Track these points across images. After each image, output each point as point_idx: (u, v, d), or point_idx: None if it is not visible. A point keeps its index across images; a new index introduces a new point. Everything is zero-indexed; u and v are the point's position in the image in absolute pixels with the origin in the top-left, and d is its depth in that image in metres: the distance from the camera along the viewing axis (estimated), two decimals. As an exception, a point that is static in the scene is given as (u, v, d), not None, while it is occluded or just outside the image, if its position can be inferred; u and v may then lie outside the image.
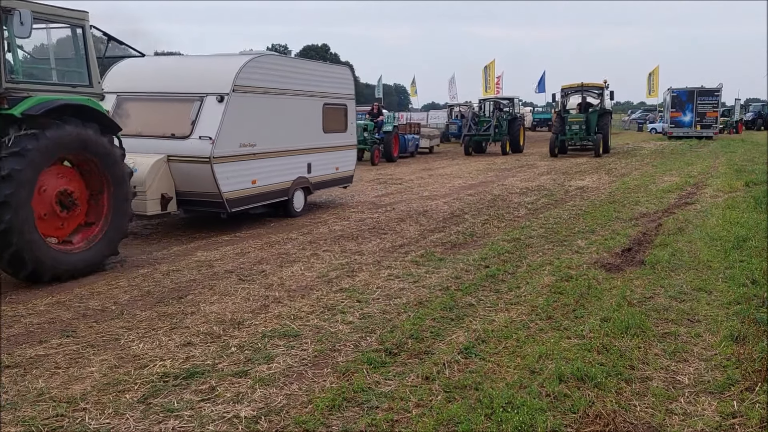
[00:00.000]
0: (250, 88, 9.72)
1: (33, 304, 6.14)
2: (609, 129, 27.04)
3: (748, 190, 13.14)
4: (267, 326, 5.43)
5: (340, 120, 12.46)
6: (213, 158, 8.94)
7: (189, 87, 9.60)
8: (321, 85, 11.70)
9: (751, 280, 6.41)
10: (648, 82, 48.77)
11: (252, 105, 9.78)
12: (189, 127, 9.20)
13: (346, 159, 12.79)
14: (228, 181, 9.25)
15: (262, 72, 10.01)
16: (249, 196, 9.81)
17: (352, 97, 13.01)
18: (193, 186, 9.21)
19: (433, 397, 4.05)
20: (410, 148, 25.56)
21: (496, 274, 7.00)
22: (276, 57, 10.71)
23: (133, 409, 3.95)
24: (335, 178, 12.46)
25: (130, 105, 9.90)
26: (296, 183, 11.02)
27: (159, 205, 8.99)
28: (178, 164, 9.11)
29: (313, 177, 11.53)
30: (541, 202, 12.58)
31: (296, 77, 10.91)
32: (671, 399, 4.04)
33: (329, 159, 12.05)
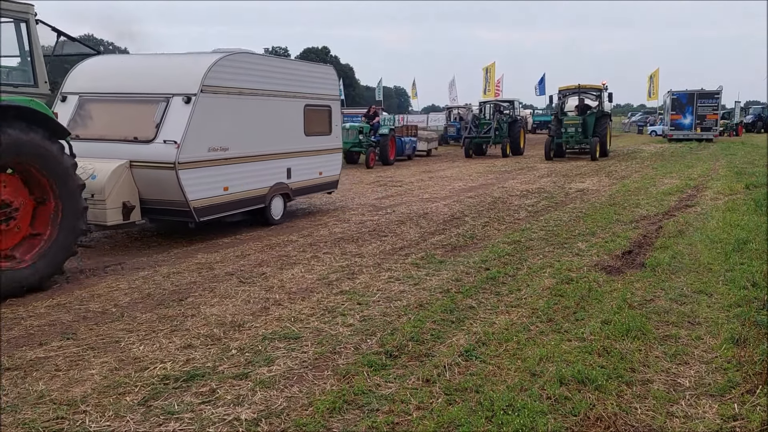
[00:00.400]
0: (222, 88, 9.14)
1: (33, 306, 6.14)
2: (607, 132, 26.31)
3: (749, 192, 13.15)
4: (267, 328, 5.42)
5: (323, 122, 11.92)
6: (178, 164, 8.32)
7: (154, 87, 8.99)
8: (302, 86, 11.15)
9: (752, 282, 6.41)
10: (648, 85, 48.80)
11: (223, 106, 9.21)
12: (153, 131, 8.59)
13: (330, 163, 12.21)
14: (195, 189, 8.65)
15: (235, 71, 9.44)
16: (220, 204, 9.24)
17: (337, 98, 12.51)
18: (157, 193, 8.60)
19: (434, 400, 4.05)
20: (407, 150, 25.26)
21: (496, 276, 7.00)
22: (251, 55, 10.06)
23: (134, 412, 3.95)
24: (319, 183, 11.91)
25: (93, 106, 9.32)
26: (274, 189, 10.44)
27: (120, 215, 8.37)
28: (142, 170, 8.50)
29: (294, 183, 10.97)
30: (541, 204, 12.58)
31: (274, 77, 10.35)
32: (672, 401, 4.04)
33: (312, 163, 11.51)
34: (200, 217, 8.81)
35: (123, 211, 8.40)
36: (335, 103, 12.33)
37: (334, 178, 12.43)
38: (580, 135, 24.72)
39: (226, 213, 9.44)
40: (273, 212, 10.50)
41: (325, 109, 11.95)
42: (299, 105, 11.06)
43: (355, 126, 22.47)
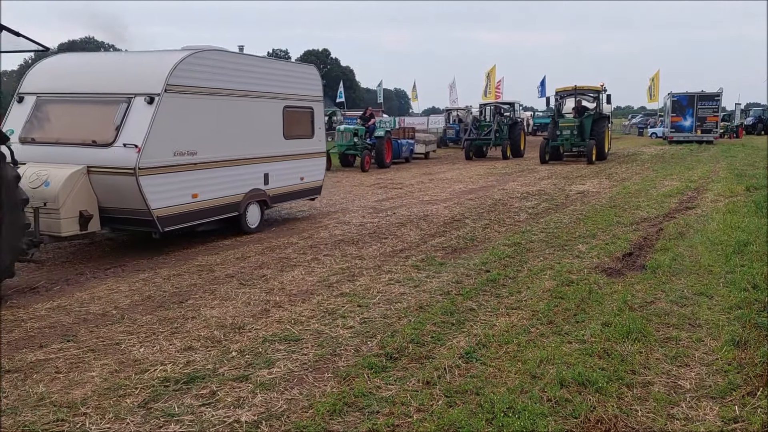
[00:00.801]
0: (190, 88, 8.53)
1: (33, 308, 6.14)
2: (605, 134, 25.44)
3: (749, 194, 13.15)
4: (268, 331, 5.42)
5: (305, 125, 11.36)
6: (139, 169, 7.70)
7: (116, 87, 8.34)
8: (281, 86, 10.56)
9: (752, 284, 6.41)
10: (649, 87, 48.83)
11: (191, 107, 8.58)
12: (113, 133, 7.95)
13: (312, 168, 11.65)
14: (159, 196, 8.05)
15: (205, 69, 8.82)
16: (188, 213, 8.63)
17: (320, 99, 11.90)
18: (118, 202, 7.99)
19: (434, 402, 4.05)
20: (404, 153, 24.76)
21: (496, 278, 7.00)
22: (222, 53, 9.37)
23: (134, 414, 3.95)
24: (300, 189, 11.34)
25: (51, 108, 8.68)
26: (250, 196, 9.86)
27: (77, 225, 7.75)
28: (100, 176, 7.86)
29: (272, 189, 10.38)
30: (541, 206, 12.58)
31: (249, 76, 9.75)
32: (673, 404, 4.03)
33: (292, 168, 10.95)
34: (165, 227, 8.21)
35: (80, 221, 7.79)
36: (318, 104, 11.79)
37: (317, 183, 11.90)
38: (576, 138, 24.06)
39: (195, 222, 8.88)
40: (249, 220, 9.96)
41: (306, 110, 11.43)
42: (277, 106, 10.50)
43: (350, 128, 22.18)
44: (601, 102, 25.77)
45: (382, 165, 22.10)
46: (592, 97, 26.29)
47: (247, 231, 9.92)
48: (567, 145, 24.21)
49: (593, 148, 23.50)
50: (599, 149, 24.35)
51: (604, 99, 25.84)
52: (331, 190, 15.65)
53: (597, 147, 23.99)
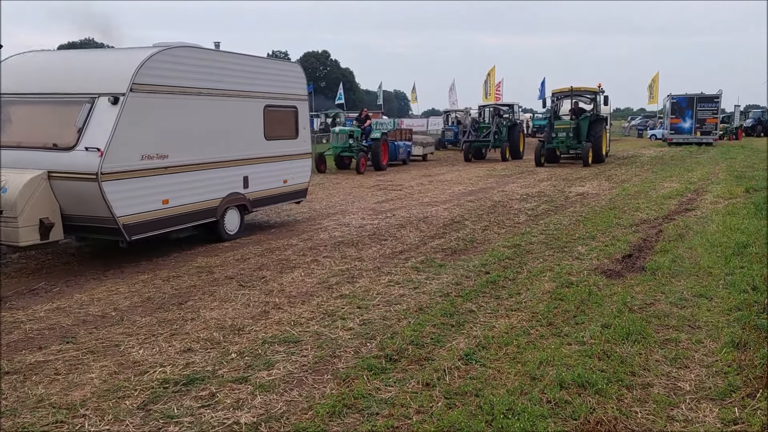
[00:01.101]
0: (159, 87, 8.03)
1: (33, 310, 6.14)
2: (603, 136, 24.57)
3: (748, 196, 13.15)
4: (267, 332, 5.42)
5: (288, 125, 10.88)
6: (101, 174, 7.21)
7: (79, 86, 7.86)
8: (261, 84, 10.07)
9: (752, 286, 6.41)
10: (648, 89, 48.88)
11: (162, 108, 8.09)
12: (75, 136, 7.46)
13: (297, 170, 11.14)
14: (125, 203, 7.57)
15: (176, 67, 8.31)
16: (158, 220, 8.14)
17: (305, 98, 11.39)
18: (81, 209, 7.52)
19: (434, 404, 4.04)
20: (401, 155, 24.37)
21: (496, 280, 7.00)
22: (197, 50, 8.84)
23: (133, 416, 3.94)
24: (283, 192, 10.85)
25: (12, 109, 8.21)
26: (228, 200, 9.39)
27: (37, 233, 7.29)
28: (62, 182, 7.39)
29: (252, 192, 9.91)
30: (541, 208, 12.58)
31: (226, 74, 9.25)
32: (672, 405, 4.03)
33: (274, 170, 10.47)
34: (132, 235, 7.73)
35: (40, 230, 7.32)
36: (302, 104, 11.30)
37: (302, 186, 11.42)
38: (571, 140, 23.47)
39: (166, 229, 8.40)
40: (227, 226, 9.50)
41: (290, 110, 10.93)
42: (258, 106, 10.00)
43: (345, 130, 21.88)
44: (598, 103, 25.15)
45: (379, 167, 21.82)
46: (589, 98, 25.64)
47: (226, 237, 9.46)
48: (563, 148, 23.76)
49: (589, 151, 23.10)
50: (596, 152, 23.76)
51: (602, 100, 25.07)
52: (330, 192, 15.66)
53: (594, 149, 23.50)
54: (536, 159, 23.30)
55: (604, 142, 25.04)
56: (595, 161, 23.61)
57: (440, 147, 34.81)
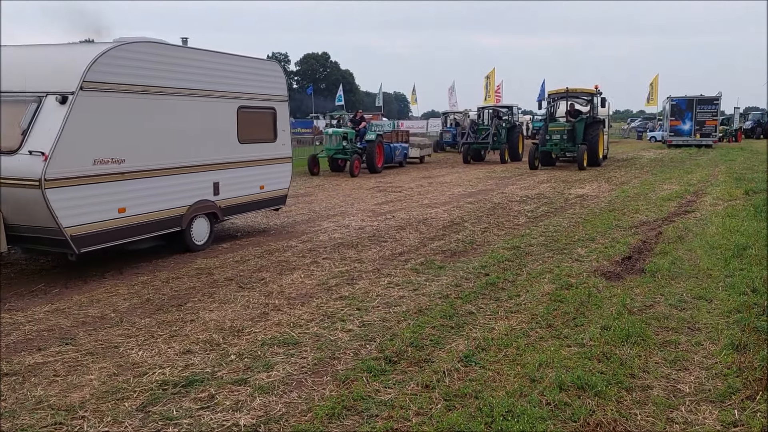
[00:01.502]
0: (115, 85, 7.37)
1: (32, 311, 6.13)
2: (600, 139, 23.79)
3: (748, 198, 13.16)
4: (266, 334, 5.42)
5: (265, 127, 10.26)
6: (45, 180, 6.60)
7: (27, 84, 7.25)
8: (235, 84, 9.42)
9: (752, 288, 6.41)
10: (648, 90, 48.94)
11: (119, 108, 7.45)
12: (18, 139, 6.86)
13: (275, 175, 10.51)
14: (74, 212, 6.94)
15: (135, 64, 7.66)
16: (113, 230, 7.46)
17: (284, 98, 10.70)
18: (25, 218, 6.91)
19: (433, 406, 4.04)
20: (397, 157, 23.87)
21: (495, 282, 6.99)
22: (159, 46, 8.14)
23: (132, 417, 3.94)
24: (260, 199, 10.20)
25: None
26: (196, 209, 8.71)
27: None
28: (4, 189, 6.84)
29: (224, 199, 9.25)
30: (540, 210, 12.58)
31: (195, 72, 8.61)
32: (672, 408, 4.03)
33: (249, 176, 9.82)
34: (82, 248, 7.09)
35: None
36: (282, 105, 10.62)
37: (281, 192, 10.78)
38: (566, 142, 22.77)
39: (123, 240, 7.71)
40: (194, 236, 8.84)
41: (267, 111, 10.29)
42: (230, 107, 9.36)
43: (338, 132, 21.43)
44: (595, 105, 24.36)
45: (373, 170, 21.37)
46: (585, 100, 24.80)
47: (193, 248, 8.83)
48: (557, 151, 23.22)
49: (584, 154, 22.41)
50: (591, 155, 23.08)
51: (599, 102, 24.29)
52: (329, 194, 15.66)
53: (589, 152, 22.88)
54: (530, 162, 22.79)
55: (601, 145, 24.37)
56: (591, 164, 23.03)
57: (438, 149, 34.67)
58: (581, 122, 23.48)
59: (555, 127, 23.10)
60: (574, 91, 24.30)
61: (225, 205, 9.34)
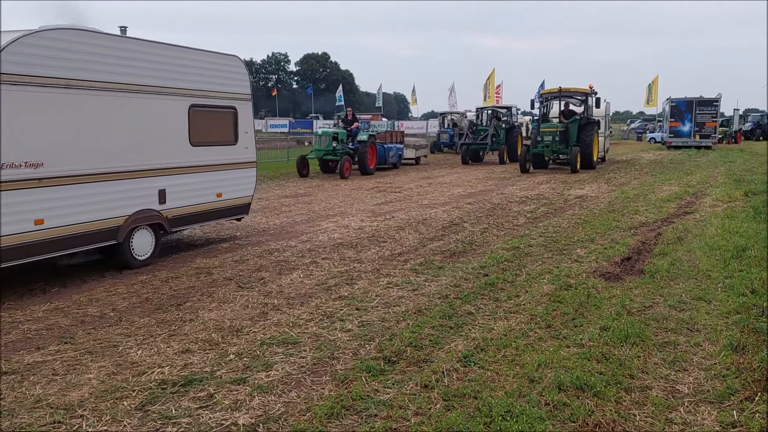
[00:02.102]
0: (30, 78, 6.44)
1: (31, 310, 6.13)
2: (594, 141, 22.88)
3: (747, 199, 13.17)
4: (266, 333, 5.42)
5: (224, 129, 9.30)
6: None
7: None
8: (186, 80, 8.44)
9: (751, 289, 6.41)
10: (647, 92, 48.99)
11: (34, 104, 6.52)
12: None
13: (236, 182, 9.53)
14: None
15: (56, 54, 6.72)
16: (28, 245, 6.52)
17: (247, 97, 9.77)
18: None
19: (432, 406, 4.04)
20: (392, 159, 23.22)
21: (495, 282, 7.00)
22: (88, 34, 7.12)
23: (131, 416, 3.94)
24: (217, 208, 9.20)
25: None
26: (136, 219, 7.74)
27: None
28: None
29: (171, 209, 8.27)
30: (540, 210, 12.59)
31: (134, 65, 7.62)
32: (671, 408, 4.03)
33: (203, 182, 8.84)
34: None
35: None
36: (244, 104, 9.65)
37: (242, 200, 9.77)
38: (558, 144, 21.85)
39: (43, 256, 6.78)
40: (135, 250, 7.83)
41: (227, 111, 9.31)
42: (180, 105, 8.37)
43: (328, 132, 20.79)
44: (589, 105, 23.23)
45: (365, 171, 20.76)
46: (579, 100, 23.70)
47: (133, 264, 7.79)
48: (549, 153, 22.34)
49: (578, 156, 21.50)
50: (585, 157, 22.12)
51: (593, 102, 23.19)
52: (329, 194, 15.66)
53: (583, 155, 21.92)
54: (521, 165, 21.92)
55: (596, 147, 23.50)
56: (585, 167, 22.10)
57: (435, 150, 34.40)
58: (575, 123, 22.54)
59: (547, 128, 22.26)
60: (567, 90, 23.30)
61: (174, 215, 8.36)
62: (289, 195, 15.51)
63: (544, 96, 23.99)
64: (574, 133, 22.25)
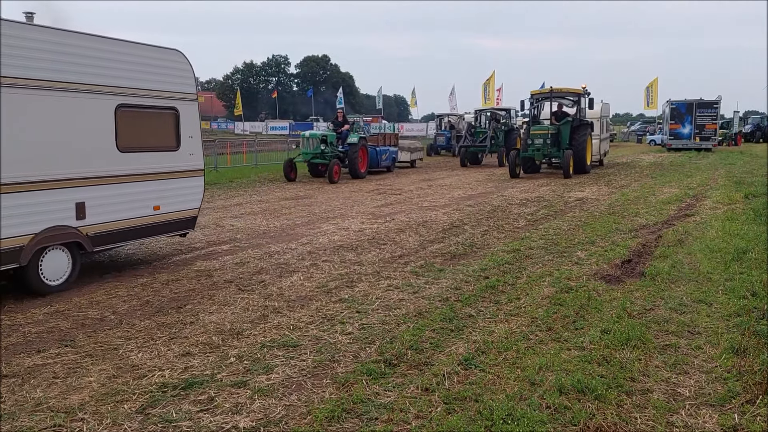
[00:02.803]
0: None
1: (32, 313, 6.13)
2: (587, 144, 21.81)
3: (748, 202, 13.17)
4: (266, 336, 5.41)
5: (162, 132, 8.22)
6: None
7: None
8: (112, 76, 7.38)
9: (752, 292, 6.41)
10: (646, 94, 49.03)
11: None
12: None
13: (178, 192, 8.41)
14: None
15: None
16: None
17: (192, 97, 8.61)
18: None
19: (433, 409, 4.03)
20: (384, 162, 22.58)
21: (495, 285, 6.99)
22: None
23: (132, 420, 3.93)
24: (154, 223, 8.07)
25: None
26: (44, 238, 6.65)
27: None
28: None
29: (93, 225, 7.20)
30: (540, 213, 12.58)
31: (41, 59, 6.54)
32: (672, 411, 4.02)
33: (136, 193, 7.74)
34: None
35: None
36: (188, 105, 8.52)
37: (186, 213, 8.61)
38: (550, 147, 20.81)
39: None
40: (45, 274, 6.75)
41: (165, 113, 8.23)
42: (104, 105, 7.30)
43: (316, 134, 20.10)
44: (582, 107, 22.21)
45: (356, 175, 20.15)
46: (572, 100, 22.72)
47: (43, 290, 6.72)
48: (539, 156, 21.22)
49: (570, 160, 20.25)
50: (578, 161, 21.00)
51: (587, 103, 22.10)
52: (329, 196, 15.66)
53: (575, 158, 20.78)
54: (510, 170, 21.00)
55: (589, 150, 22.36)
56: (578, 171, 21.02)
57: (432, 152, 34.00)
58: (567, 125, 21.46)
59: (537, 131, 21.13)
60: (559, 91, 22.15)
61: (96, 232, 7.25)
62: (289, 197, 15.50)
63: (535, 96, 22.87)
64: (566, 136, 21.30)
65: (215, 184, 18.06)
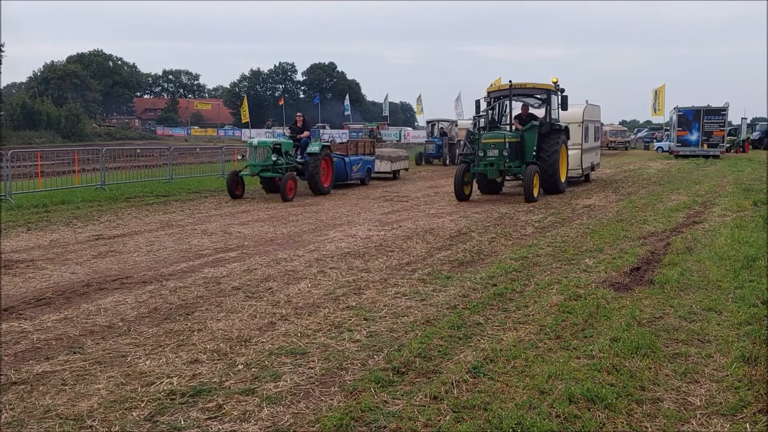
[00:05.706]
0: None
1: (40, 320, 6.14)
2: (561, 155, 17.03)
3: (756, 209, 13.10)
4: (274, 344, 5.41)
5: None
6: None
7: None
8: None
9: (762, 300, 6.37)
10: (653, 101, 48.93)
11: None
12: None
13: None
14: None
15: None
16: None
17: None
18: None
19: (442, 417, 4.01)
20: (356, 173, 19.79)
21: (503, 292, 6.97)
22: None
23: (140, 427, 3.93)
24: None
25: None
26: None
27: None
28: None
29: None
30: (548, 220, 12.55)
31: None
32: (683, 421, 3.99)
33: None
34: None
35: None
36: None
37: None
38: (509, 161, 15.73)
39: None
40: None
41: None
42: None
43: (266, 142, 16.63)
44: (554, 107, 17.32)
45: (319, 191, 16.96)
46: (539, 99, 17.79)
47: None
48: (492, 173, 16.02)
49: (534, 177, 15.36)
50: (547, 178, 16.48)
51: (558, 103, 17.19)
52: (336, 203, 15.67)
53: (543, 174, 16.27)
54: (456, 190, 15.79)
55: (563, 164, 17.56)
56: (549, 191, 16.80)
57: (422, 161, 31.83)
58: (532, 131, 16.60)
59: (491, 139, 15.86)
60: (522, 86, 17.22)
61: None
62: (296, 204, 15.51)
63: (492, 95, 17.79)
64: (532, 145, 16.51)
65: (222, 191, 18.04)
